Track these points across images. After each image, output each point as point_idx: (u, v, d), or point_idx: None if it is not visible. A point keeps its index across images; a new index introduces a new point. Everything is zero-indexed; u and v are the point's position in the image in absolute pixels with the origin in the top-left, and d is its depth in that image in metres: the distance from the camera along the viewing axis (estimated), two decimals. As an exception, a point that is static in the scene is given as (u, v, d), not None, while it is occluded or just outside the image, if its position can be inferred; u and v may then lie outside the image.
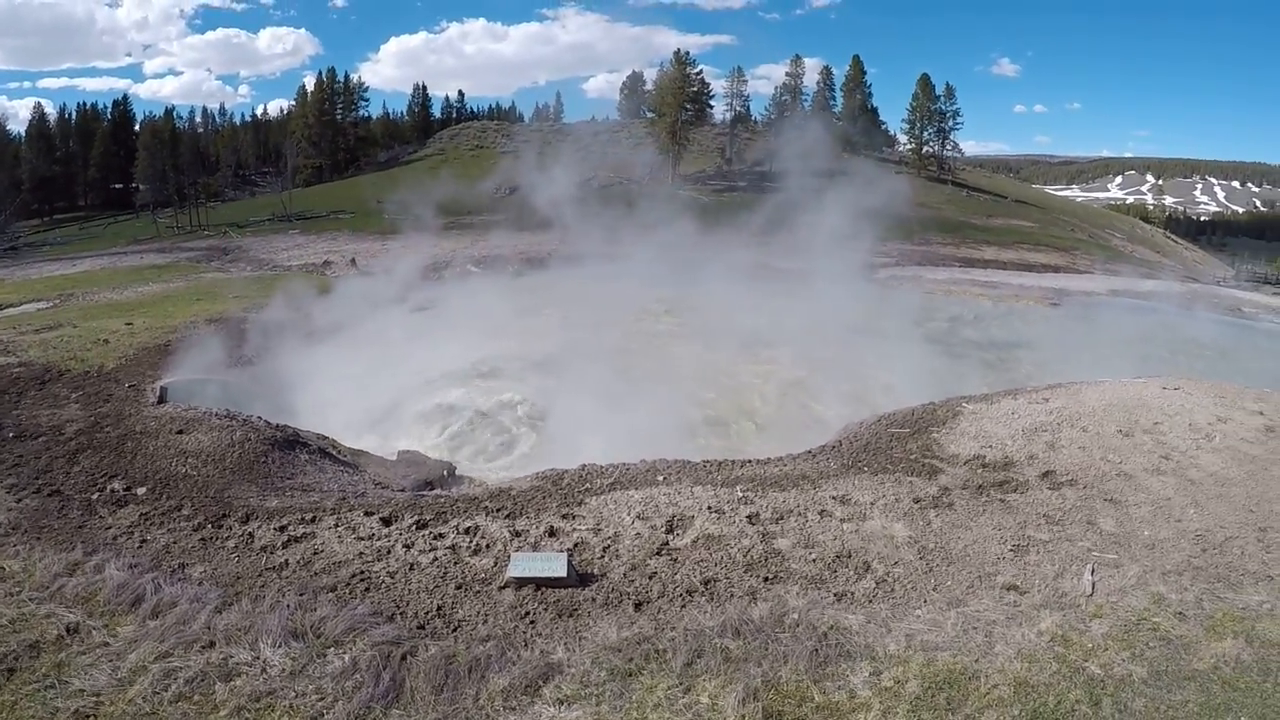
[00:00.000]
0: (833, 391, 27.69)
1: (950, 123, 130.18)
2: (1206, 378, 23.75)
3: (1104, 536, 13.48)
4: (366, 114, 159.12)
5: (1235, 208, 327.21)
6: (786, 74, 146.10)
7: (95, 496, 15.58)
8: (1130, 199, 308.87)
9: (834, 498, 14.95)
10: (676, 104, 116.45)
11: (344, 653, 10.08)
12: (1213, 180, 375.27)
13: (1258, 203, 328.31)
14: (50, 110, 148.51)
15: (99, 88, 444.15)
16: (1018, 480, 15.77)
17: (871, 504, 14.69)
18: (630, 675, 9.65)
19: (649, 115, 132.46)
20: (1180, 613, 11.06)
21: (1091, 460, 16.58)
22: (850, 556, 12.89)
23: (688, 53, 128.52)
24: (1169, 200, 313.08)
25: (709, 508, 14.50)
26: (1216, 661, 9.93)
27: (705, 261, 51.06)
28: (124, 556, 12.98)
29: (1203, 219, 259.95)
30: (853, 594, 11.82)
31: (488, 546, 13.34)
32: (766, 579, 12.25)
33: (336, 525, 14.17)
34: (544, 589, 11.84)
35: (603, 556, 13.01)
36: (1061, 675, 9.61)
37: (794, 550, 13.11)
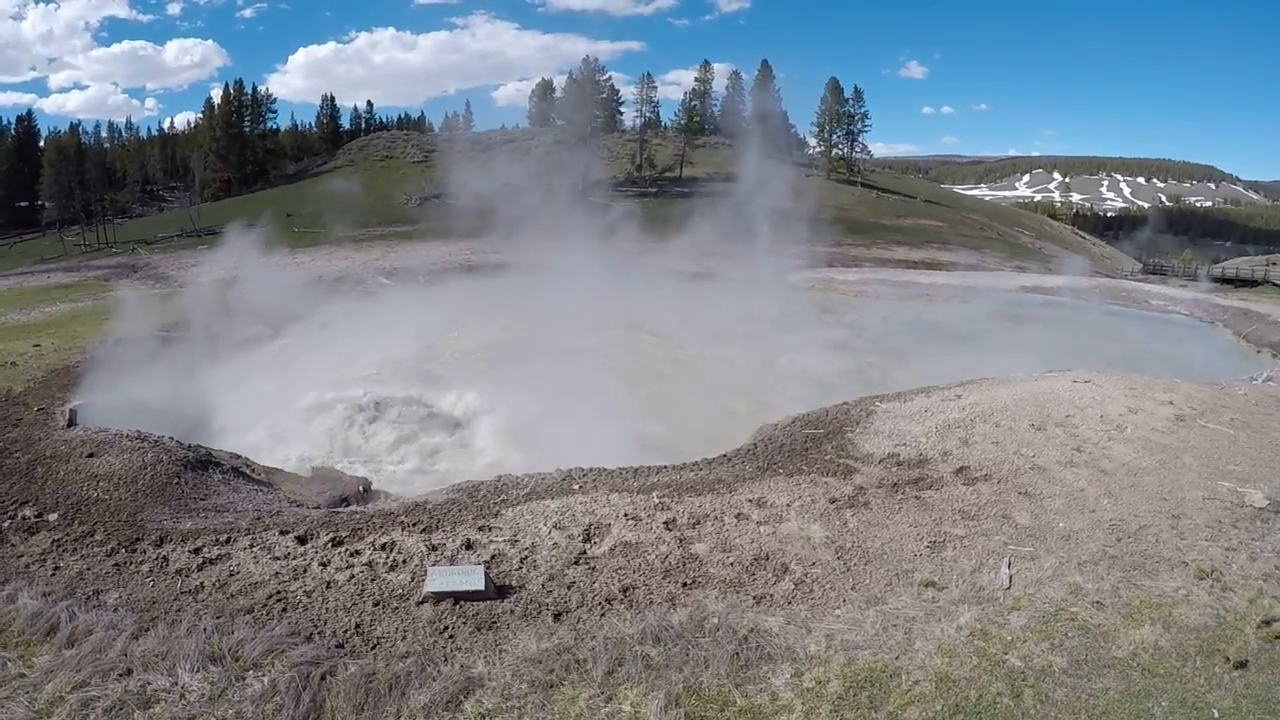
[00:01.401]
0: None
1: (859, 125, 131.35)
2: (1117, 370, 24.20)
3: (1020, 530, 13.68)
4: (275, 126, 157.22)
5: (1141, 203, 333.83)
6: (695, 79, 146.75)
7: (6, 524, 15.24)
8: (1038, 197, 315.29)
9: (750, 501, 15.03)
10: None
11: (263, 675, 9.94)
12: (1119, 177, 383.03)
13: (1163, 198, 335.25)
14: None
15: (3, 103, 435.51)
16: (933, 477, 15.97)
17: (788, 506, 14.79)
18: (552, 686, 9.62)
19: (559, 123, 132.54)
20: (1098, 602, 11.26)
21: (1005, 455, 16.82)
22: (768, 559, 12.96)
23: (597, 59, 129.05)
24: (1076, 197, 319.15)
25: (626, 515, 14.51)
26: (1135, 649, 10.13)
27: (620, 267, 51.16)
28: (37, 584, 12.73)
29: (1109, 215, 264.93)
30: (772, 596, 11.88)
31: (404, 562, 13.24)
32: (685, 584, 12.28)
33: (252, 545, 13.97)
34: (462, 602, 11.77)
35: (520, 568, 12.97)
36: (982, 669, 9.74)
37: (712, 555, 13.16)
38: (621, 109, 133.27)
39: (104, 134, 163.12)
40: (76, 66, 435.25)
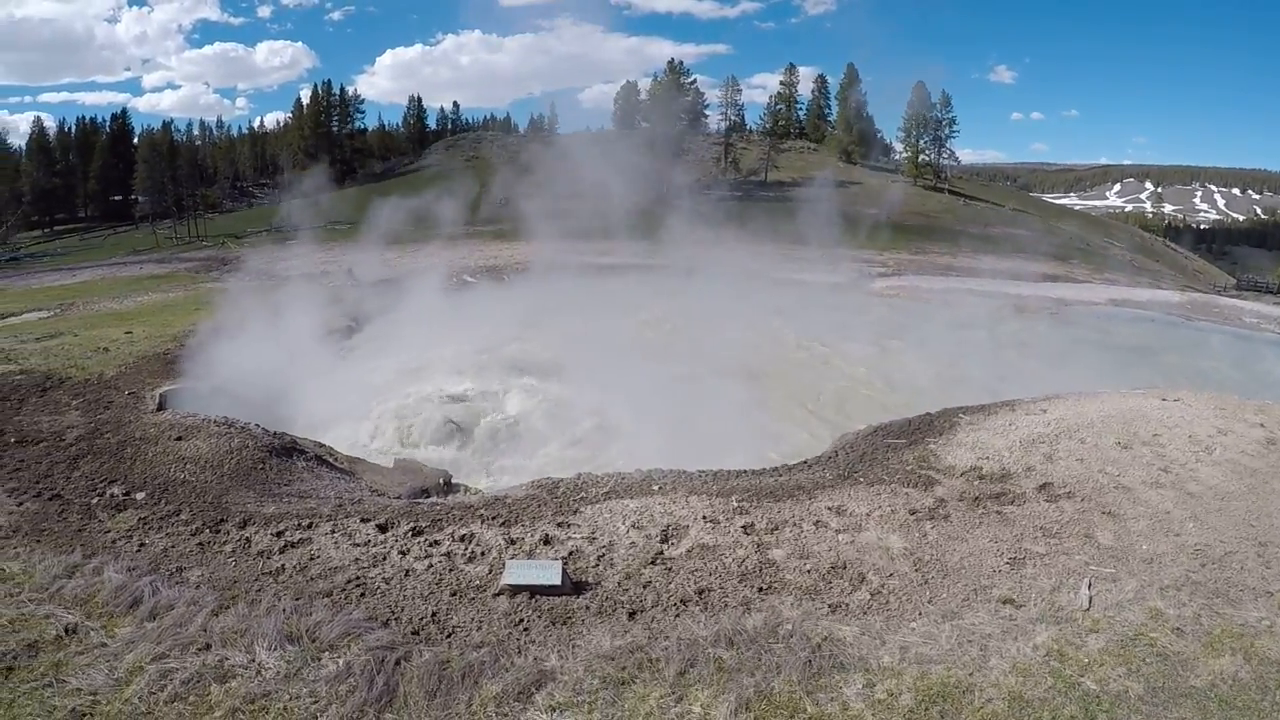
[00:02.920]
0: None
1: (946, 131, 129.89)
2: (1207, 389, 23.71)
3: (1101, 550, 13.43)
4: (362, 126, 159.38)
5: (1236, 215, 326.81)
6: (781, 82, 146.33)
7: (95, 501, 15.60)
8: (1129, 207, 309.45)
9: (829, 508, 14.91)
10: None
11: (338, 657, 10.08)
12: (1213, 187, 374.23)
13: (1259, 210, 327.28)
14: (50, 124, 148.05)
15: (98, 101, 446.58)
16: (1015, 492, 15.71)
17: (867, 515, 14.65)
18: (623, 684, 9.63)
19: (644, 125, 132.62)
20: (1178, 628, 11.00)
21: (1089, 472, 16.50)
22: (845, 568, 12.86)
23: (681, 62, 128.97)
24: (1168, 208, 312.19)
25: (704, 517, 14.47)
26: (1214, 678, 9.88)
27: (703, 270, 51.21)
28: (122, 560, 13.02)
29: (1202, 227, 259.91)
30: (847, 605, 11.78)
31: (483, 554, 13.34)
32: (761, 589, 12.23)
33: (333, 531, 14.17)
34: (538, 597, 11.83)
35: (597, 565, 13.01)
36: (1057, 690, 9.57)
37: (789, 561, 13.09)
38: (706, 112, 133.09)
39: (196, 132, 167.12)
40: (169, 67, 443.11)
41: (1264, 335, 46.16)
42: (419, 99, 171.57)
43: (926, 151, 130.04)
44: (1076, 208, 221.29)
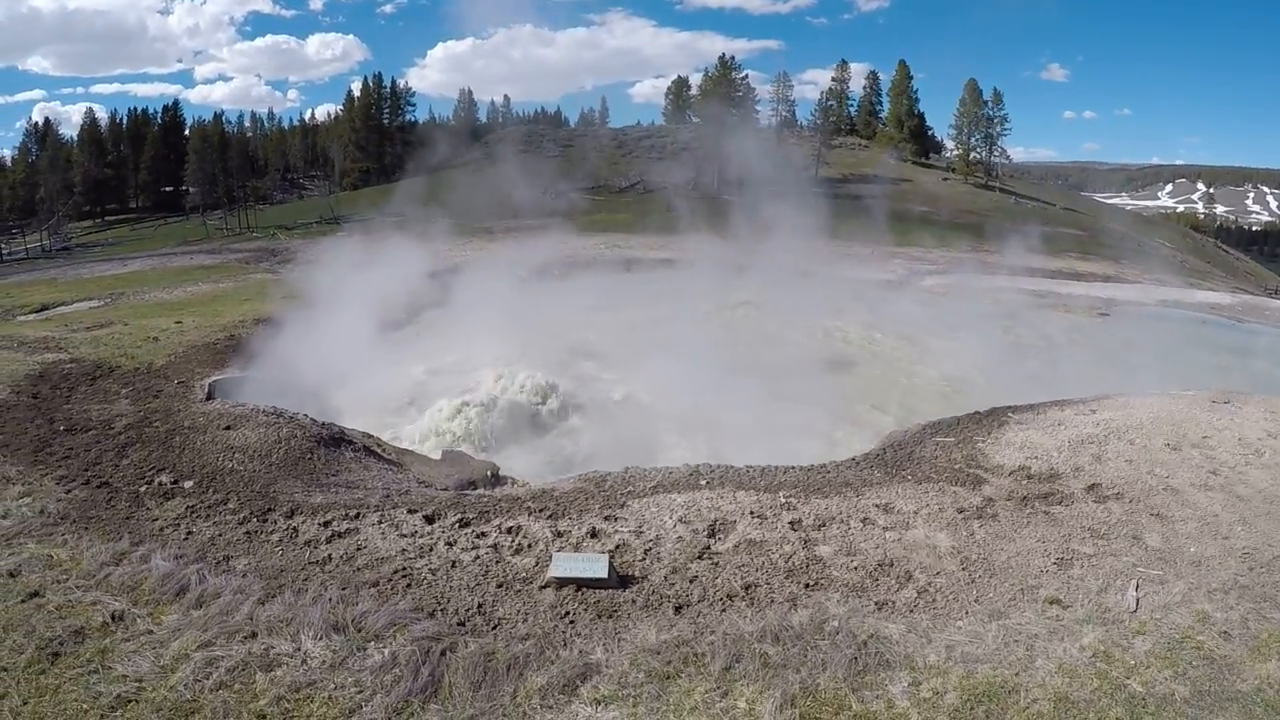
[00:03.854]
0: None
1: (998, 129, 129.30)
2: (1257, 392, 23.46)
3: (1149, 552, 13.30)
4: (413, 118, 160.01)
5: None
6: (832, 79, 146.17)
7: (143, 489, 15.75)
8: (1181, 207, 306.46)
9: (877, 506, 14.86)
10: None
11: (384, 647, 10.14)
12: (1265, 189, 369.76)
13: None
14: (102, 115, 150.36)
15: (150, 93, 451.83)
16: (1063, 492, 15.60)
17: (915, 513, 14.59)
18: (668, 678, 9.64)
19: (694, 120, 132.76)
20: (1225, 632, 10.89)
21: (1138, 474, 16.36)
22: (892, 565, 12.82)
23: (733, 57, 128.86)
24: (1220, 209, 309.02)
25: (751, 513, 14.45)
26: (1260, 683, 9.78)
27: (750, 267, 51.25)
28: (170, 547, 13.15)
29: (1255, 229, 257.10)
30: (894, 603, 11.74)
31: (529, 546, 13.38)
32: (807, 585, 12.20)
33: (380, 522, 14.26)
34: (584, 590, 11.86)
35: (644, 559, 13.01)
36: (1103, 692, 9.50)
37: (835, 557, 13.06)
38: (758, 107, 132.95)
39: (247, 124, 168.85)
40: (221, 59, 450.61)
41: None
42: (470, 92, 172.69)
43: (978, 149, 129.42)
44: (1128, 207, 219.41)
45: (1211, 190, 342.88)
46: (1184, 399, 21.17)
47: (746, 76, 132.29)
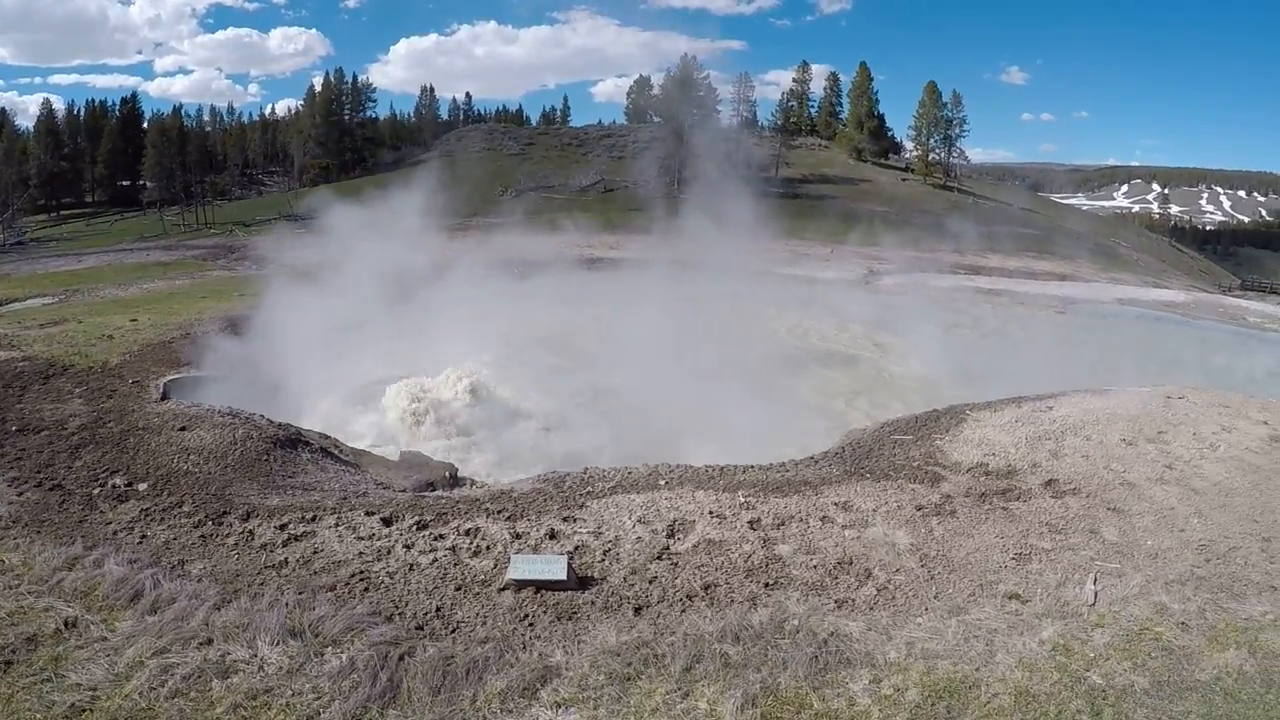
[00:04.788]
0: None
1: (957, 130, 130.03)
2: (1211, 387, 23.71)
3: (1107, 546, 13.43)
4: (374, 115, 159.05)
5: (1241, 217, 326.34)
6: (794, 80, 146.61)
7: (96, 491, 15.58)
8: (1136, 208, 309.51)
9: (836, 504, 14.90)
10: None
11: (342, 652, 10.05)
12: (1219, 189, 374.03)
13: (1264, 212, 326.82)
14: (59, 106, 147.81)
15: (109, 85, 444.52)
16: (1020, 488, 15.73)
17: (874, 511, 14.64)
18: (629, 679, 9.61)
19: (656, 120, 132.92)
20: (1183, 623, 11.00)
21: (1095, 469, 16.52)
22: (852, 563, 12.85)
23: (695, 57, 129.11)
24: (1175, 209, 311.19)
25: (710, 512, 14.46)
26: (1219, 672, 9.88)
27: (709, 266, 51.32)
28: (124, 552, 13.00)
29: (1208, 228, 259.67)
30: (854, 601, 11.77)
31: (488, 548, 13.31)
32: (767, 585, 12.21)
33: (337, 524, 14.15)
34: (543, 591, 11.81)
35: (603, 560, 12.99)
36: (1063, 685, 9.56)
37: (795, 556, 13.07)
38: (719, 107, 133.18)
39: (206, 118, 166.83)
40: (182, 51, 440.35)
41: (1268, 334, 46.31)
42: (431, 89, 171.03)
43: (937, 150, 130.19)
44: (1084, 208, 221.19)
45: (1166, 191, 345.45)
46: (1139, 395, 21.39)
47: (708, 76, 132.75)
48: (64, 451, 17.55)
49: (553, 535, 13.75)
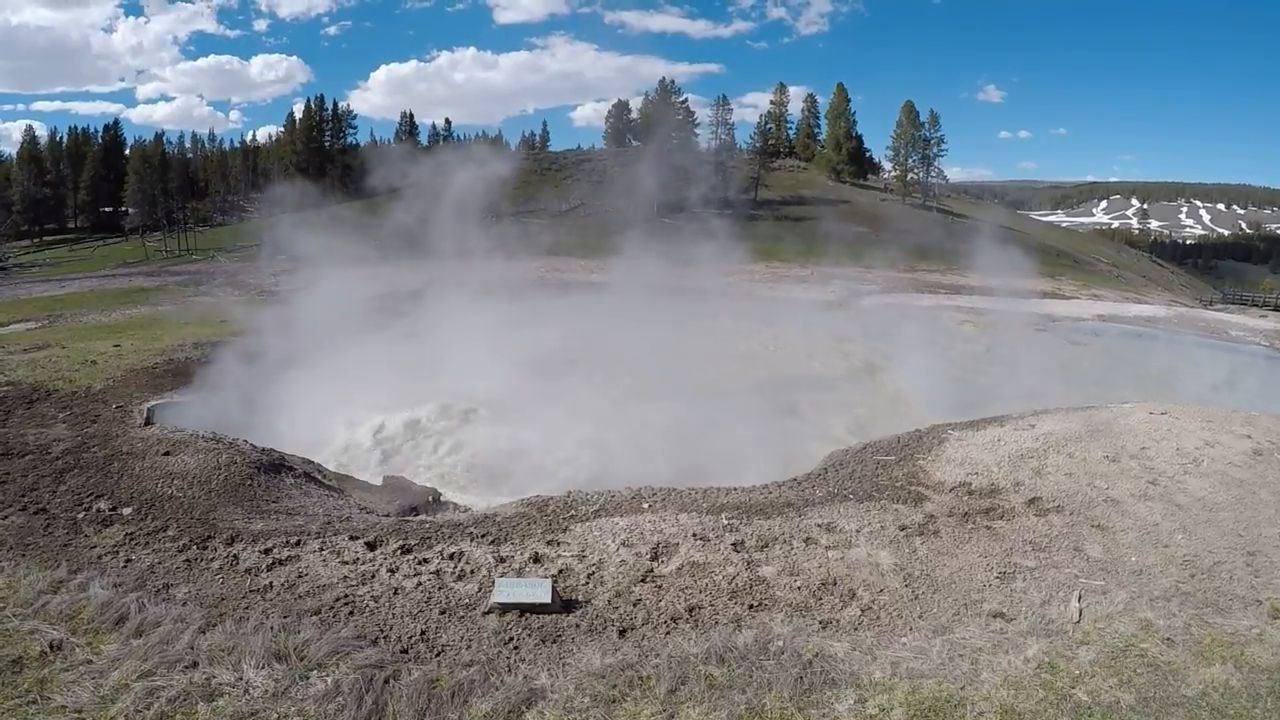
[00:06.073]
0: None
1: (935, 149, 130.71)
2: (1193, 402, 23.81)
3: (1091, 563, 13.46)
4: (355, 141, 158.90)
5: (1220, 230, 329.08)
6: (771, 102, 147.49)
7: (81, 516, 15.56)
8: (1115, 223, 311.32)
9: (819, 525, 14.91)
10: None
11: (327, 675, 10.02)
12: (1198, 203, 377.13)
13: (1243, 225, 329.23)
14: (41, 133, 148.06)
15: (91, 111, 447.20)
16: (1004, 507, 15.75)
17: (857, 531, 14.66)
18: (614, 701, 9.59)
19: (634, 144, 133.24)
20: (1168, 638, 11.03)
21: (1078, 486, 16.56)
22: (836, 584, 12.86)
23: (673, 81, 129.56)
24: (1154, 224, 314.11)
25: (694, 535, 14.44)
26: (1205, 687, 9.90)
27: (688, 290, 51.36)
28: (109, 575, 12.99)
29: (1188, 242, 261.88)
30: (838, 621, 11.78)
31: (472, 572, 13.30)
32: (751, 606, 12.22)
33: (321, 549, 14.12)
34: (528, 615, 11.81)
35: (587, 583, 12.98)
36: (1048, 702, 9.57)
37: (779, 578, 13.08)
38: (697, 130, 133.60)
39: (188, 144, 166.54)
40: (164, 79, 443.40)
41: (1248, 347, 46.46)
42: (411, 115, 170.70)
43: (915, 170, 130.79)
44: (1064, 224, 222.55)
45: (1145, 206, 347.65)
46: (1122, 411, 21.46)
47: (686, 100, 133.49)
48: (48, 476, 17.52)
49: (537, 559, 13.74)
